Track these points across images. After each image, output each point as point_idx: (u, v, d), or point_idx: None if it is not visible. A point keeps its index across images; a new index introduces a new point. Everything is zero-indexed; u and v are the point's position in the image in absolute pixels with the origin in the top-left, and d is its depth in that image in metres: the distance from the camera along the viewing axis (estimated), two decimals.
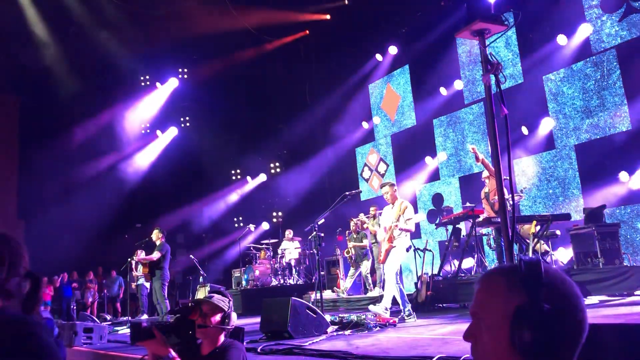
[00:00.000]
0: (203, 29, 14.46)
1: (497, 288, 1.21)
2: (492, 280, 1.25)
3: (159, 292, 9.71)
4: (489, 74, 3.13)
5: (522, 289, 1.16)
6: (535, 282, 1.16)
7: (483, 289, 1.25)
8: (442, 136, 13.88)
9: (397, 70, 15.23)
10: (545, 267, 1.18)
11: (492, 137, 3.09)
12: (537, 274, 1.16)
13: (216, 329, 3.09)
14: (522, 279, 1.17)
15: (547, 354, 1.13)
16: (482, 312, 1.22)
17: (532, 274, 1.17)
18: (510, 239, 2.97)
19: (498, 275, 1.24)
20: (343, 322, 6.25)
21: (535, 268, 1.17)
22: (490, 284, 1.24)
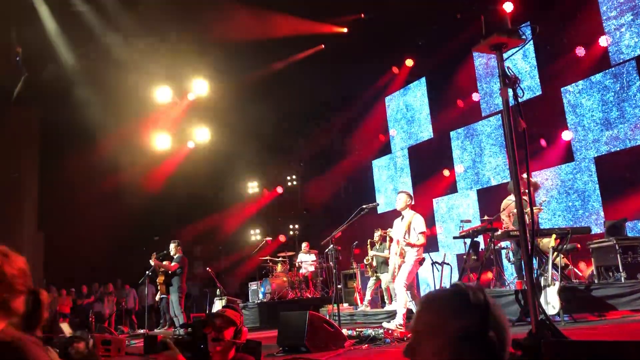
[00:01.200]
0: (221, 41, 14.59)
1: (443, 310, 1.30)
2: (439, 302, 1.34)
3: (176, 305, 9.74)
4: (507, 88, 3.11)
5: (467, 313, 1.26)
6: (484, 310, 1.27)
7: (428, 310, 1.33)
8: (460, 149, 13.81)
9: (414, 82, 15.23)
10: (481, 292, 1.31)
11: (511, 151, 3.07)
12: (485, 302, 1.28)
13: (228, 343, 3.12)
14: (468, 304, 1.27)
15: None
16: (427, 331, 1.30)
17: (479, 301, 1.28)
18: (529, 253, 2.94)
19: (444, 299, 1.34)
20: (360, 336, 6.21)
21: (482, 296, 1.29)
22: (437, 306, 1.33)
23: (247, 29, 14.32)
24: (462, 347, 1.23)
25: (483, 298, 1.29)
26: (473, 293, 1.29)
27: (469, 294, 1.29)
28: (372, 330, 6.45)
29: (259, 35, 14.52)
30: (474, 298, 1.28)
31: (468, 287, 1.32)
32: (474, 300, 1.28)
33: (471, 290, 1.31)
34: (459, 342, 1.23)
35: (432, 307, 1.32)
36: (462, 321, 1.25)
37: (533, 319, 2.82)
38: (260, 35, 14.54)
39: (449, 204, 13.94)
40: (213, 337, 3.13)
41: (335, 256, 7.99)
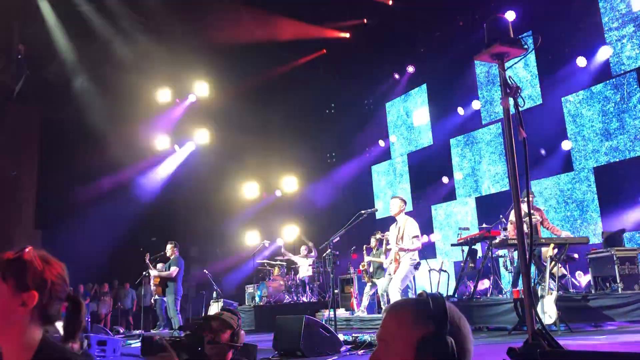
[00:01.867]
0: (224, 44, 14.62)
1: (406, 319, 1.38)
2: (402, 311, 1.41)
3: (172, 307, 9.73)
4: (508, 97, 3.12)
5: (428, 321, 1.34)
6: (441, 317, 1.34)
7: (393, 318, 1.41)
8: (459, 156, 13.83)
9: (415, 89, 15.26)
10: (449, 304, 1.37)
11: (511, 160, 3.08)
12: (443, 310, 1.35)
13: (225, 346, 3.12)
14: (429, 313, 1.35)
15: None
16: (391, 339, 1.38)
17: (438, 309, 1.35)
18: (527, 262, 2.94)
19: (407, 307, 1.41)
20: (356, 341, 6.19)
21: (441, 304, 1.36)
22: (400, 315, 1.40)
23: (250, 32, 14.37)
24: (422, 354, 1.31)
25: (443, 306, 1.36)
26: (433, 301, 1.37)
27: (429, 303, 1.37)
28: (368, 335, 6.44)
29: (262, 38, 14.57)
30: (433, 306, 1.36)
31: (430, 295, 1.40)
32: (433, 308, 1.35)
33: (432, 298, 1.38)
34: (420, 349, 1.31)
35: (396, 316, 1.40)
36: (422, 328, 1.33)
37: (529, 328, 2.82)
38: (262, 38, 14.59)
39: (447, 211, 13.95)
40: (209, 339, 3.13)
41: (333, 261, 7.98)
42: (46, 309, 1.64)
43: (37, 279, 1.63)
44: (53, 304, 1.66)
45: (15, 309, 1.59)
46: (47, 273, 1.68)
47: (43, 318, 1.64)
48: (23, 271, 1.62)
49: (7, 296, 1.60)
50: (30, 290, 1.61)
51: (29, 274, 1.63)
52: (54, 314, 1.67)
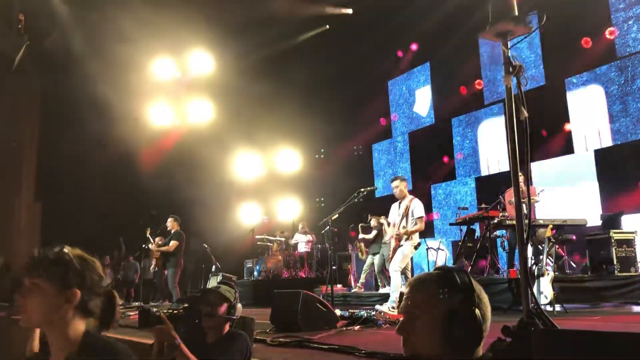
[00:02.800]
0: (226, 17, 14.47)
1: (432, 292, 1.43)
2: (428, 284, 1.46)
3: (172, 280, 9.79)
4: (511, 76, 3.10)
5: (454, 294, 1.41)
6: (469, 290, 1.42)
7: (419, 291, 1.46)
8: (460, 136, 13.79)
9: (418, 67, 15.16)
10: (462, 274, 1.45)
11: (512, 140, 3.07)
12: (470, 283, 1.42)
13: (222, 318, 3.16)
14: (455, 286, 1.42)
15: (470, 345, 1.41)
16: (418, 312, 1.43)
17: (465, 283, 1.43)
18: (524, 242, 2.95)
19: (433, 281, 1.46)
20: (353, 317, 6.25)
21: (467, 277, 1.43)
22: (426, 288, 1.45)
23: (253, 6, 14.22)
24: (450, 324, 1.38)
25: (467, 279, 1.43)
26: (458, 274, 1.44)
27: (455, 276, 1.43)
28: (364, 311, 6.49)
29: (264, 12, 14.42)
30: (460, 280, 1.42)
31: (453, 269, 1.46)
32: (459, 281, 1.42)
33: (457, 272, 1.45)
34: (448, 320, 1.38)
35: (422, 289, 1.45)
36: (448, 301, 1.40)
37: (525, 307, 2.85)
38: (265, 12, 14.44)
39: (447, 191, 13.97)
40: (206, 312, 3.17)
41: (332, 238, 8.02)
42: (87, 303, 1.81)
43: (77, 277, 1.82)
44: (93, 299, 1.84)
45: (60, 305, 1.77)
46: (87, 272, 1.87)
47: (85, 312, 1.81)
48: (65, 271, 1.80)
49: (52, 295, 1.77)
50: (72, 288, 1.79)
51: (70, 273, 1.81)
52: (94, 308, 1.85)
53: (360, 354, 3.96)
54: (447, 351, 1.39)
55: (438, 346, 1.40)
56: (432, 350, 1.41)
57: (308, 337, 4.96)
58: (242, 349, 3.12)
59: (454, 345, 1.39)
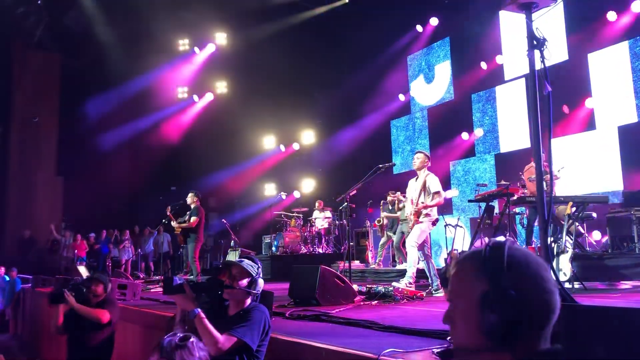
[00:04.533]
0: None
1: (465, 274, 1.24)
2: (462, 265, 1.27)
3: (191, 254, 9.92)
4: (534, 50, 3.05)
5: (483, 275, 1.19)
6: (497, 268, 1.17)
7: (455, 274, 1.27)
8: (480, 112, 13.64)
9: (437, 42, 14.95)
10: (510, 251, 1.20)
11: (534, 115, 3.03)
12: (499, 259, 1.18)
13: (242, 291, 3.21)
14: (485, 264, 1.20)
15: (514, 335, 1.15)
16: (455, 297, 1.25)
17: (494, 259, 1.19)
18: (546, 219, 2.93)
19: (467, 261, 1.26)
20: (370, 292, 6.29)
21: (498, 252, 1.19)
22: (461, 269, 1.26)
23: None
24: (484, 310, 1.17)
25: (496, 254, 1.20)
26: (488, 250, 1.22)
27: (494, 251, 1.21)
28: (382, 287, 6.53)
29: None
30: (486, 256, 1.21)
31: (495, 244, 1.23)
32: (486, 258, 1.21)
33: (487, 247, 1.23)
34: (481, 305, 1.17)
35: (457, 271, 1.27)
36: (482, 284, 1.19)
37: None
38: None
39: (466, 168, 13.87)
40: (227, 284, 3.22)
41: (349, 214, 8.03)
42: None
43: None
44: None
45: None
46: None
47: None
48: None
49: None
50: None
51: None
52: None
53: (378, 328, 4.00)
54: (488, 344, 1.17)
55: (475, 337, 1.19)
56: (471, 341, 1.20)
57: (326, 311, 5.01)
58: (260, 322, 3.17)
59: (492, 336, 1.16)
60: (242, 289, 3.22)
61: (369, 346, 3.23)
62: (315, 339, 3.61)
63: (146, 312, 6.08)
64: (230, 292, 3.22)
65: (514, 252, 1.20)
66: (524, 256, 1.21)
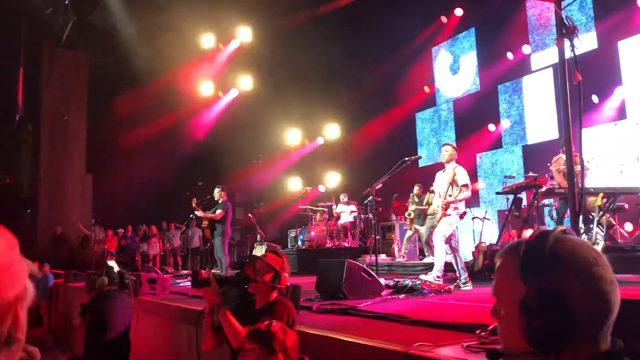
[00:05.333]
0: None
1: (507, 271, 1.09)
2: (504, 259, 1.11)
3: (219, 248, 10.01)
4: (564, 39, 2.99)
5: (538, 270, 1.03)
6: (538, 266, 1.02)
7: (498, 269, 1.12)
8: (507, 103, 13.45)
9: (462, 33, 14.77)
10: (555, 244, 1.03)
11: (564, 105, 2.98)
12: (540, 255, 1.02)
13: (266, 285, 3.25)
14: (524, 262, 1.04)
15: (563, 342, 1.00)
16: (498, 295, 1.11)
17: (534, 255, 1.03)
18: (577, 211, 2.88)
19: (509, 254, 1.10)
20: (397, 286, 6.26)
21: (538, 247, 1.03)
22: (502, 265, 1.11)
23: None
24: (526, 316, 1.02)
25: (537, 251, 1.03)
26: (527, 245, 1.06)
27: (541, 244, 1.05)
28: (409, 280, 6.50)
29: None
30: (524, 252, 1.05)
31: (545, 234, 1.06)
32: (529, 255, 1.05)
33: (528, 241, 1.07)
34: (521, 308, 1.03)
35: (502, 263, 1.12)
36: (519, 284, 1.04)
37: None
38: None
39: (493, 160, 13.71)
40: (252, 278, 3.28)
41: (375, 207, 8.01)
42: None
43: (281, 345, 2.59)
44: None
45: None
46: (288, 341, 2.63)
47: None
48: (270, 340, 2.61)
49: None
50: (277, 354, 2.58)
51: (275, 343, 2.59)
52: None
53: (406, 322, 3.98)
54: (534, 351, 1.02)
55: (520, 342, 1.03)
56: (516, 346, 1.05)
57: (353, 305, 5.01)
58: (283, 316, 3.19)
59: (536, 343, 1.01)
60: (266, 283, 3.26)
61: (397, 340, 3.22)
62: (343, 332, 3.62)
63: (175, 306, 6.15)
64: (255, 286, 3.29)
65: (560, 245, 1.04)
66: (570, 250, 1.04)
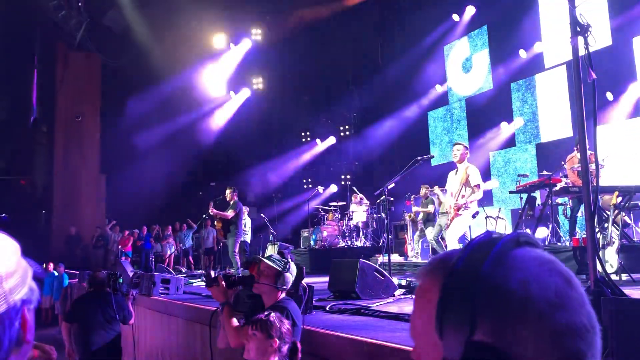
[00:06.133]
0: None
1: (424, 304, 0.71)
2: (425, 283, 0.73)
3: (231, 249, 10.05)
4: (578, 36, 2.96)
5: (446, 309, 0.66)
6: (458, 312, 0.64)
7: (415, 296, 0.76)
8: (520, 101, 13.36)
9: (475, 31, 14.69)
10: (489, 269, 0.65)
11: (578, 103, 2.95)
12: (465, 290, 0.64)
13: (269, 286, 3.31)
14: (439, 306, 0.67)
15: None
16: (413, 336, 0.76)
17: (455, 293, 0.65)
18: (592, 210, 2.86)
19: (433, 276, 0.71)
20: (411, 286, 6.24)
21: (462, 278, 0.66)
22: (421, 293, 0.74)
23: None
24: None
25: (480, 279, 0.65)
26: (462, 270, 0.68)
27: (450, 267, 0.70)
28: None
29: None
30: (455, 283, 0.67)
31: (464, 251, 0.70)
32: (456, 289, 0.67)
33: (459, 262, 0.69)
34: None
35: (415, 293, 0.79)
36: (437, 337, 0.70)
37: (592, 275, 2.77)
38: None
39: (506, 158, 13.62)
40: (256, 279, 3.34)
41: (388, 207, 7.99)
42: (281, 348, 2.86)
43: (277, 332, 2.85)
44: (284, 345, 2.88)
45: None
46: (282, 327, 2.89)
47: (280, 354, 2.86)
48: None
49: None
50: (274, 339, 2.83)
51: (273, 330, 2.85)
52: (285, 351, 2.89)
53: None
54: None
55: None
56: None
57: (366, 304, 5.01)
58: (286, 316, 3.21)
59: None
60: (268, 283, 3.29)
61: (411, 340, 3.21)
62: (357, 332, 3.62)
63: (189, 305, 6.18)
64: (258, 286, 3.34)
65: (501, 271, 0.65)
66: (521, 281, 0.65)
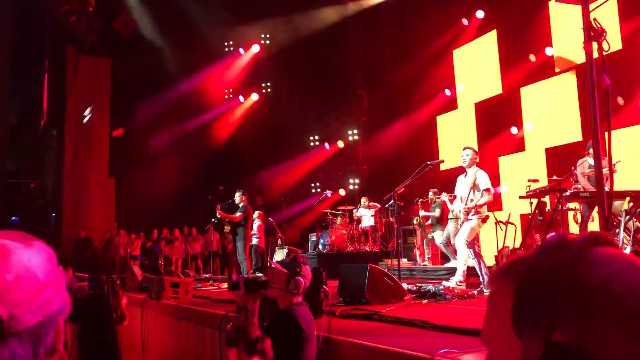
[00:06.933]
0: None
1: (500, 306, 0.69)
2: (499, 287, 0.71)
3: (241, 251, 10.06)
4: (592, 42, 2.94)
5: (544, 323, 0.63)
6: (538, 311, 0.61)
7: (489, 301, 0.75)
8: (530, 106, 13.30)
9: (484, 35, 14.64)
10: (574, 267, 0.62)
11: (592, 108, 2.93)
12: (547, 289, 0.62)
13: (277, 291, 3.33)
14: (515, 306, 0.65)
15: None
16: (487, 343, 0.74)
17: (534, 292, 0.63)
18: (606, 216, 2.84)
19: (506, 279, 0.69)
20: (420, 291, 6.22)
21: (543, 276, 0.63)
22: (495, 297, 0.72)
23: None
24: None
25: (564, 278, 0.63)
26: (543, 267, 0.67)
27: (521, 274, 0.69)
28: (432, 285, 6.45)
29: None
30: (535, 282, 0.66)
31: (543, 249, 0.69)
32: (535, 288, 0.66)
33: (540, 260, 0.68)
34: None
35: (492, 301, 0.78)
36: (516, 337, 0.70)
37: None
38: None
39: (516, 163, 13.55)
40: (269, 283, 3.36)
41: (397, 211, 7.98)
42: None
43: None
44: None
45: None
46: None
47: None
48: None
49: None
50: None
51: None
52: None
53: (431, 328, 3.95)
54: None
55: None
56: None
57: (376, 310, 4.99)
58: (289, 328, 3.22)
59: None
60: (277, 288, 3.30)
61: (422, 346, 3.19)
62: (367, 338, 3.60)
63: (198, 309, 6.19)
64: (271, 291, 3.34)
65: (588, 269, 0.63)
66: (607, 278, 0.62)
